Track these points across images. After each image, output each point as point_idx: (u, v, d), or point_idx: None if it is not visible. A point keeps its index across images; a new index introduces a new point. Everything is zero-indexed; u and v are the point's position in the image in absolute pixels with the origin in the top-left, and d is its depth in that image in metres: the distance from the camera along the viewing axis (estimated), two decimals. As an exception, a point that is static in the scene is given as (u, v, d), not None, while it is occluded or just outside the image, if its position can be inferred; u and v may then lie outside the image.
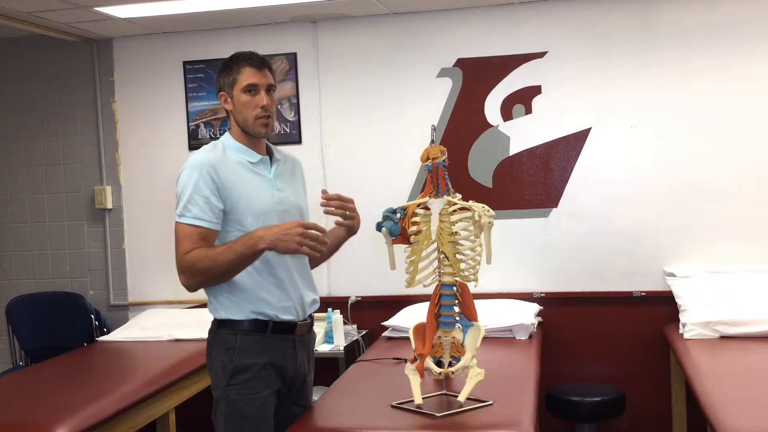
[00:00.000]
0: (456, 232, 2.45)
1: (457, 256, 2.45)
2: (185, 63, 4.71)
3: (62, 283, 4.91)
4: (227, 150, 2.49)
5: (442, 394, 2.62)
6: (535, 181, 4.35)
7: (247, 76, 2.46)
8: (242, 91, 2.46)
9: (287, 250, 2.28)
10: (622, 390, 4.06)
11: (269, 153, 2.58)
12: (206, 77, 4.67)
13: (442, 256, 2.48)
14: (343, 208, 2.51)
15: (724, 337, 3.62)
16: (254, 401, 2.42)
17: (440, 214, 2.45)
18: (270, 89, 2.51)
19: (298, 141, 4.56)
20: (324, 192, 2.50)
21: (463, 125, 4.41)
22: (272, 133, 2.58)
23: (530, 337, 3.79)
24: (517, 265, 4.36)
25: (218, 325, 2.49)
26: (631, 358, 4.28)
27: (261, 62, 2.50)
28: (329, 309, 4.24)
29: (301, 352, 2.56)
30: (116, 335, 4.32)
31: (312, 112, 4.58)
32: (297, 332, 2.53)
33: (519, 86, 4.35)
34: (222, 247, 2.36)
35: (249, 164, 2.49)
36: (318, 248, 2.29)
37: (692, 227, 4.18)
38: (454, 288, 2.49)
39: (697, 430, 3.87)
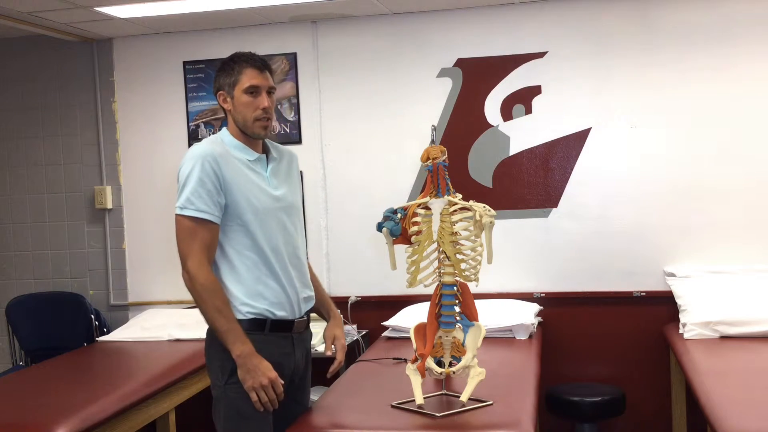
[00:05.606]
0: (457, 232, 2.45)
1: (458, 256, 2.45)
2: (185, 63, 4.71)
3: (62, 283, 4.90)
4: (227, 146, 2.49)
5: (442, 394, 2.62)
6: (535, 181, 4.35)
7: (249, 77, 2.47)
8: (243, 92, 2.47)
9: (247, 384, 2.37)
10: (622, 390, 4.06)
11: (265, 151, 2.59)
12: (206, 77, 4.66)
13: (442, 256, 2.48)
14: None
15: (724, 337, 3.62)
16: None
17: (441, 214, 2.45)
18: (270, 91, 2.53)
19: (298, 141, 4.55)
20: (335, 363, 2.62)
21: (463, 125, 4.41)
22: (272, 133, 2.59)
23: (530, 337, 3.79)
24: (517, 265, 4.36)
25: None
26: (631, 358, 4.28)
27: (263, 64, 2.51)
28: (329, 309, 4.24)
29: (298, 349, 2.57)
30: (116, 335, 4.32)
31: (312, 112, 4.57)
32: (294, 330, 2.54)
33: (519, 86, 4.35)
34: (223, 314, 2.38)
35: (247, 162, 2.50)
36: (267, 407, 2.39)
37: (692, 227, 4.18)
38: (455, 288, 2.49)
39: (697, 430, 3.87)
